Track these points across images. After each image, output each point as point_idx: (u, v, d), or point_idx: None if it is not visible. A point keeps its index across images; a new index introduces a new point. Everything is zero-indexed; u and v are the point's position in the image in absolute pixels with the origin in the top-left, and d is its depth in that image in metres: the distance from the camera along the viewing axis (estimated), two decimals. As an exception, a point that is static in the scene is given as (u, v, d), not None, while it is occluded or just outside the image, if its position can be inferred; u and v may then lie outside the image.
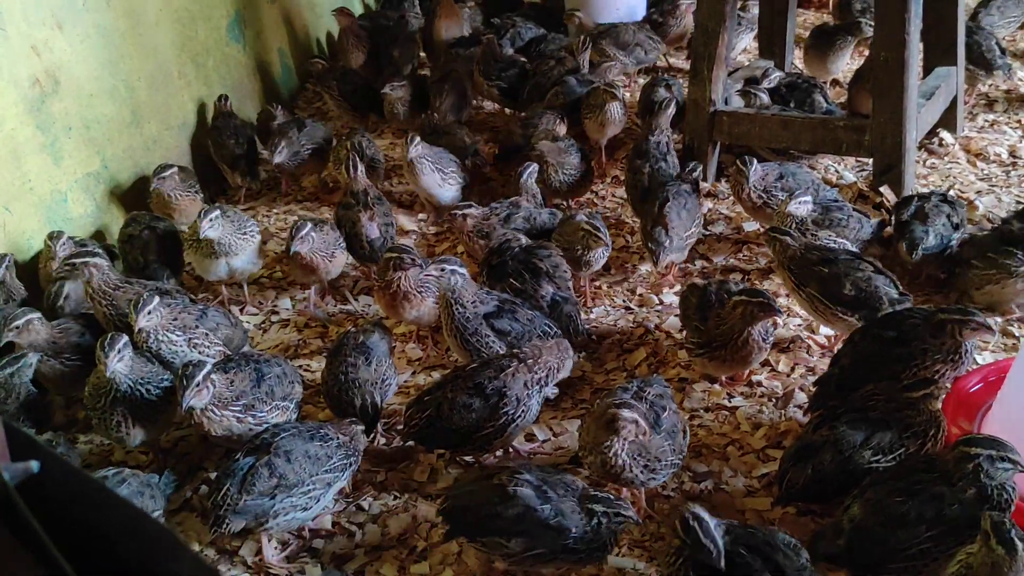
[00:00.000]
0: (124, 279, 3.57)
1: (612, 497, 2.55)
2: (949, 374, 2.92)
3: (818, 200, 3.84)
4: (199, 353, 3.32)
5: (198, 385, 2.85)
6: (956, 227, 3.79)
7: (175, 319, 3.33)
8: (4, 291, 3.68)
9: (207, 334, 3.38)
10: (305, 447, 2.78)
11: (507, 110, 5.82)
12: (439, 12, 6.27)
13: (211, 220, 3.82)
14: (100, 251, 3.68)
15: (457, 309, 3.29)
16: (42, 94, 3.99)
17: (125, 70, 4.54)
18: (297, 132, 4.94)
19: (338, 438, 2.88)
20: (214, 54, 5.33)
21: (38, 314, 3.35)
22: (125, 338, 3.02)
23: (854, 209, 3.85)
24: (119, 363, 2.97)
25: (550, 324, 3.43)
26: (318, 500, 2.80)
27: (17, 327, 3.26)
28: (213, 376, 2.93)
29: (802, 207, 3.74)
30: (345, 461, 2.86)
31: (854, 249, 3.70)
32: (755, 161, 4.08)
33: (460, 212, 3.98)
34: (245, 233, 4.01)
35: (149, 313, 3.20)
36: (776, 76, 4.93)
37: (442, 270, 3.28)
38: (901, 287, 3.36)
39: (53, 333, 3.39)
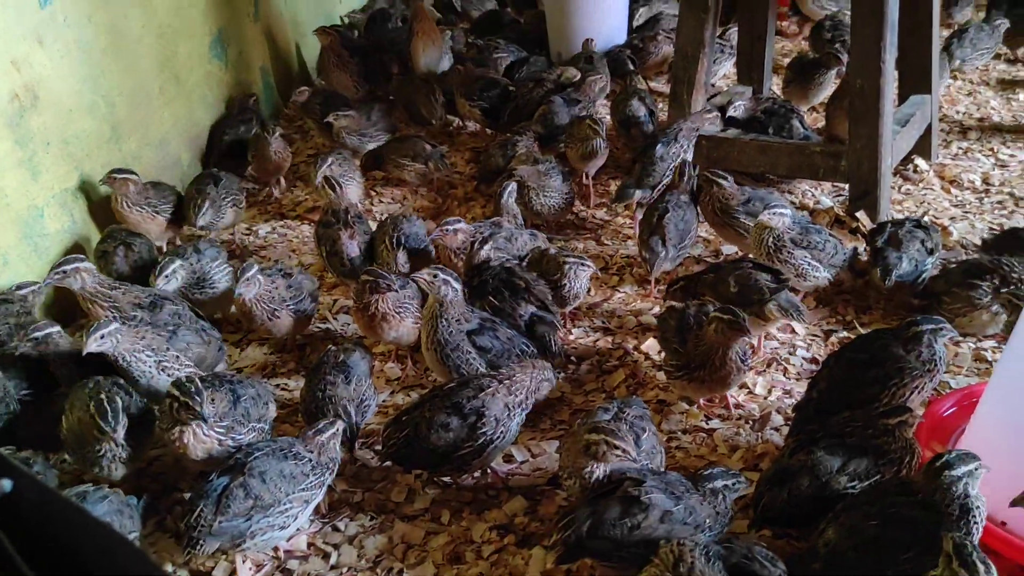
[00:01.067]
0: (116, 282, 3.55)
1: (723, 469, 2.65)
2: (928, 386, 2.97)
3: (797, 220, 3.89)
4: (167, 376, 3.24)
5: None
6: (930, 252, 3.85)
7: (142, 338, 3.25)
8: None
9: (177, 356, 3.31)
10: (279, 466, 2.75)
11: (488, 131, 5.85)
12: (417, 31, 6.28)
13: (167, 276, 3.75)
14: (85, 257, 3.65)
15: (442, 323, 3.29)
16: (21, 109, 3.97)
17: (105, 86, 4.53)
18: (215, 188, 4.58)
19: (310, 455, 2.84)
20: (196, 71, 5.33)
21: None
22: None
23: (830, 234, 3.89)
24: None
25: (527, 343, 3.44)
26: (295, 518, 2.78)
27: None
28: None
29: (777, 219, 3.77)
30: (321, 478, 2.84)
31: (826, 272, 3.79)
32: (729, 178, 4.14)
33: (451, 227, 3.94)
34: (216, 282, 3.97)
35: (102, 337, 3.10)
36: (741, 105, 4.97)
37: (434, 276, 3.26)
38: (780, 278, 3.58)
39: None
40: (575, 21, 6.53)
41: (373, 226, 4.42)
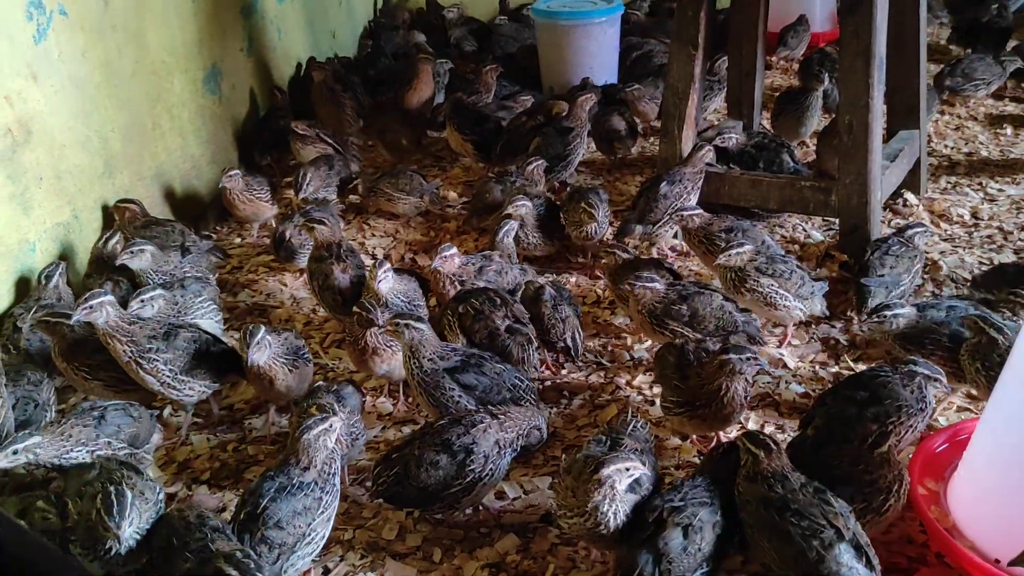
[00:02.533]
0: (133, 316, 3.52)
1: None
2: (920, 426, 2.98)
3: (767, 250, 3.93)
4: None
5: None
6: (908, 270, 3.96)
7: (69, 438, 3.05)
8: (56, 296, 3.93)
9: (109, 442, 3.12)
10: (291, 506, 2.69)
11: (480, 164, 5.87)
12: (415, 86, 6.30)
13: (142, 301, 3.69)
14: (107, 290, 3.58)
15: (414, 364, 3.28)
16: (14, 144, 3.97)
17: (99, 121, 4.54)
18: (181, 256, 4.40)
19: (310, 476, 2.75)
20: (189, 106, 5.35)
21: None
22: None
23: (797, 265, 3.91)
24: None
25: (520, 377, 3.43)
26: (324, 537, 2.78)
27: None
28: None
29: (735, 258, 3.79)
30: (333, 488, 2.79)
31: (797, 302, 3.80)
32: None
33: (447, 254, 3.95)
34: (196, 320, 3.92)
35: (15, 453, 2.92)
36: (732, 137, 5.01)
37: (396, 324, 3.26)
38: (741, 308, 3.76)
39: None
40: (567, 55, 6.60)
41: (366, 260, 4.42)
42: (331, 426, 2.80)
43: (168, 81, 5.14)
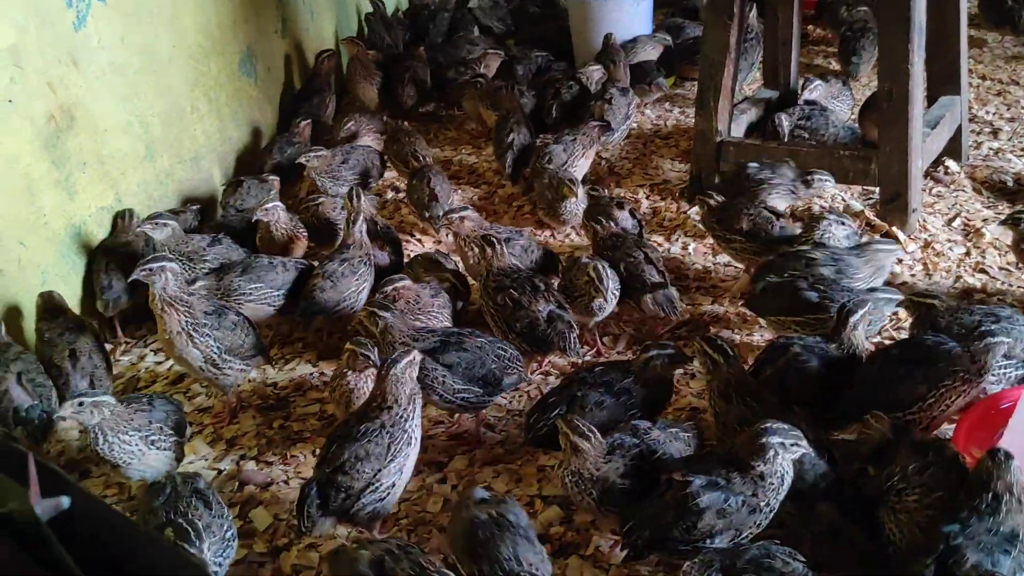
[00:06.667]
0: (189, 287, 3.54)
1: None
2: (973, 392, 2.93)
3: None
4: (157, 449, 3.08)
5: None
6: None
7: (131, 419, 3.05)
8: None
9: (161, 427, 3.13)
10: (355, 450, 2.78)
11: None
12: (470, 97, 6.24)
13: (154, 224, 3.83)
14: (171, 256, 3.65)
15: (389, 351, 3.24)
16: (57, 130, 4.05)
17: (139, 106, 4.61)
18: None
19: (378, 423, 2.82)
20: (226, 89, 5.40)
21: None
22: None
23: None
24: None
25: (503, 347, 3.42)
26: (394, 485, 2.85)
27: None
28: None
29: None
30: (404, 434, 2.83)
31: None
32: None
33: (459, 215, 4.00)
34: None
35: (81, 406, 2.92)
36: (785, 120, 4.95)
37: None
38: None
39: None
40: (599, 29, 6.54)
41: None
42: (414, 359, 2.87)
43: (205, 65, 5.19)
